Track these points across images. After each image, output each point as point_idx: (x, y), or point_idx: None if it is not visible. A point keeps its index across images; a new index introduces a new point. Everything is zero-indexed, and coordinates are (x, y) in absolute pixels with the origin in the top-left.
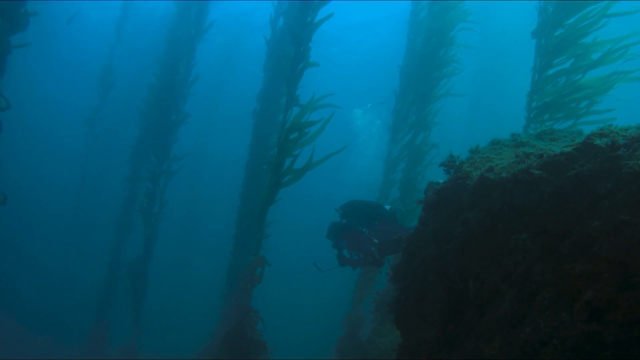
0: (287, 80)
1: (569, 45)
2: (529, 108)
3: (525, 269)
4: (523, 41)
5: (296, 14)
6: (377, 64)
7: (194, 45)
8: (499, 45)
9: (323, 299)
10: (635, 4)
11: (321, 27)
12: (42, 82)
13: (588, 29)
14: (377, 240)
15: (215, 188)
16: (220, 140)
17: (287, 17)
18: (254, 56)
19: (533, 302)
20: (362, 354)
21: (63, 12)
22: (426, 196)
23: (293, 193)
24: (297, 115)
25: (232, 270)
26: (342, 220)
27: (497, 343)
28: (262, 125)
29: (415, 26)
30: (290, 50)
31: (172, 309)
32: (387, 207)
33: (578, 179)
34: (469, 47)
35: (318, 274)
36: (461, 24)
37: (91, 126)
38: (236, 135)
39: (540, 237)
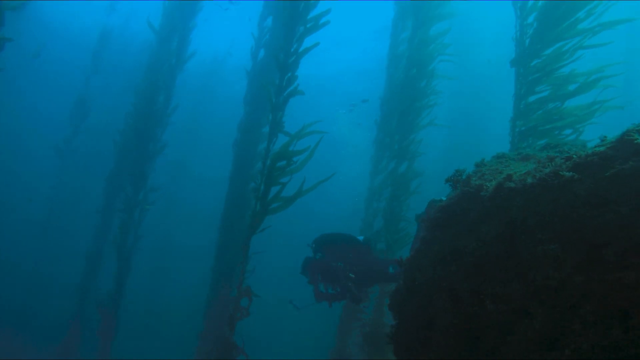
0: (272, 107)
1: (547, 75)
2: (513, 133)
3: (559, 282)
4: (504, 69)
5: (281, 42)
6: (359, 76)
7: (175, 74)
8: (477, 73)
9: (308, 333)
10: (610, 33)
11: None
12: (13, 108)
13: (563, 60)
14: (353, 275)
15: (191, 224)
16: (199, 168)
17: (268, 47)
18: (230, 86)
19: (572, 319)
20: None
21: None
22: (427, 215)
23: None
24: (284, 145)
25: (210, 303)
26: (315, 254)
27: None
28: (242, 154)
29: (394, 59)
30: (275, 77)
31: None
32: (361, 237)
33: (619, 178)
34: (450, 78)
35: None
36: (440, 56)
37: (61, 157)
38: (215, 163)
39: (576, 245)
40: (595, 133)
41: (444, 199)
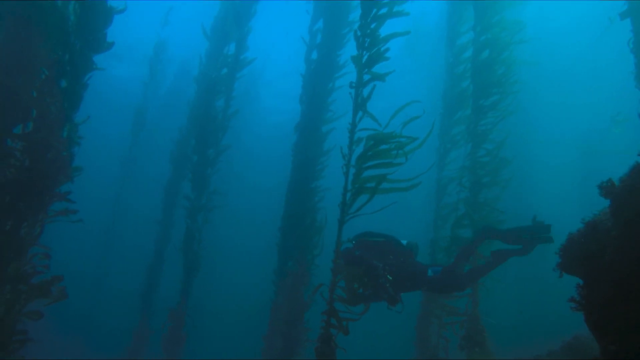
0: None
1: None
2: None
3: None
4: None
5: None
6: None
7: (234, 79)
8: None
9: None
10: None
11: None
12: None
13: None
14: (391, 277)
15: (250, 228)
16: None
17: (322, 49)
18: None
19: None
20: None
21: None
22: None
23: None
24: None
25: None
26: (354, 251)
27: None
28: (302, 154)
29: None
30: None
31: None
32: (404, 242)
33: None
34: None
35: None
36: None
37: (123, 167)
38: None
39: None
40: None
41: None
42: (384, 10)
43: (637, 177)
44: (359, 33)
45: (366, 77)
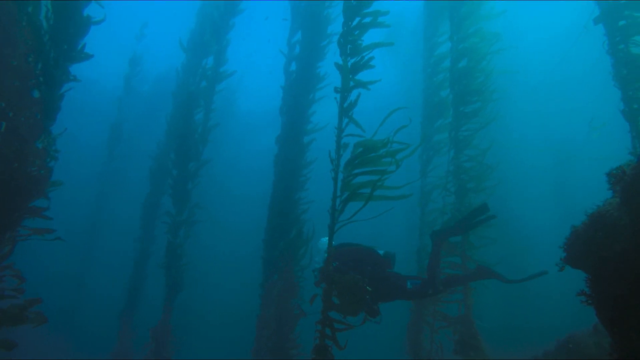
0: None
1: None
2: None
3: None
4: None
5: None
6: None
7: (213, 91)
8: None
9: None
10: None
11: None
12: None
13: None
14: (370, 288)
15: (233, 237)
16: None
17: (300, 60)
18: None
19: None
20: None
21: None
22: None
23: None
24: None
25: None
26: (331, 263)
27: None
28: (284, 165)
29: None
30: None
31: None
32: (381, 252)
33: None
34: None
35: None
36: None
37: (100, 182)
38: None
39: None
40: None
41: None
42: (367, 20)
43: None
44: (342, 40)
45: (351, 83)
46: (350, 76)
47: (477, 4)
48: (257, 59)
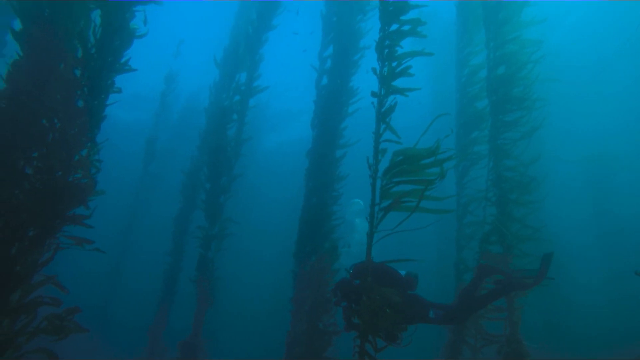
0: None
1: None
2: None
3: None
4: None
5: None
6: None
7: (247, 104)
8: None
9: None
10: None
11: None
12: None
13: None
14: (389, 310)
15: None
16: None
17: (332, 74)
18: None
19: None
20: None
21: None
22: None
23: None
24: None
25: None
26: (353, 280)
27: None
28: (315, 180)
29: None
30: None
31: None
32: (403, 272)
33: None
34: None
35: None
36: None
37: (134, 196)
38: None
39: None
40: None
41: None
42: (406, 27)
43: None
44: (379, 45)
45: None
46: (388, 82)
47: (517, 9)
48: (286, 72)
